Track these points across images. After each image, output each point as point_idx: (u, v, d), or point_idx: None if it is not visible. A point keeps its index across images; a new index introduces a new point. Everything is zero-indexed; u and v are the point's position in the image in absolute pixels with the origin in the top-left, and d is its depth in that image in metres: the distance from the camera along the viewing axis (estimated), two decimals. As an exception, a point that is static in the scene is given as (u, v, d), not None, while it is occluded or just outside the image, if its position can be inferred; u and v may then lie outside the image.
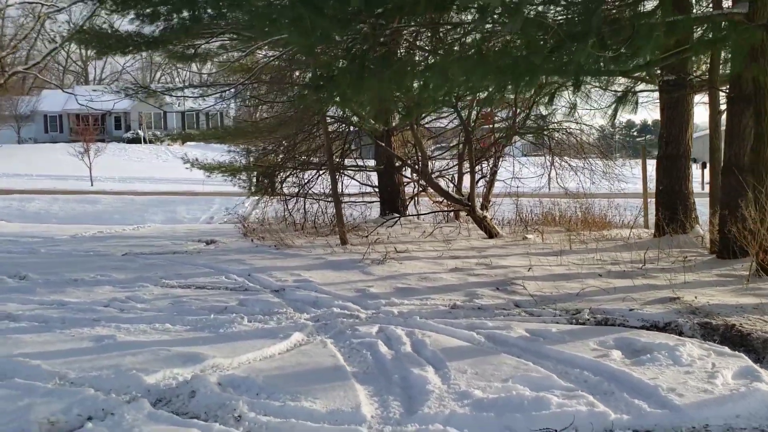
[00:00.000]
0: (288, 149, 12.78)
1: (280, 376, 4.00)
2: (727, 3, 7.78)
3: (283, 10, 6.44)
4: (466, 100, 10.54)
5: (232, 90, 13.18)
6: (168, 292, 6.66)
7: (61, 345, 4.78)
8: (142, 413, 3.45)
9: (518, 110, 11.85)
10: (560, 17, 6.47)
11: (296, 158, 12.62)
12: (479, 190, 11.41)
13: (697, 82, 8.98)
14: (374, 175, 13.29)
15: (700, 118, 14.34)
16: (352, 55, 6.89)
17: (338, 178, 11.29)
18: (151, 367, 4.10)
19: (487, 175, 12.33)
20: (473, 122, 10.84)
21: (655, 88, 9.37)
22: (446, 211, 12.37)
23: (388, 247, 8.82)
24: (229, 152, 14.35)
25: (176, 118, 50.04)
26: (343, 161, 13.13)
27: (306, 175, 12.75)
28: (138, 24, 9.65)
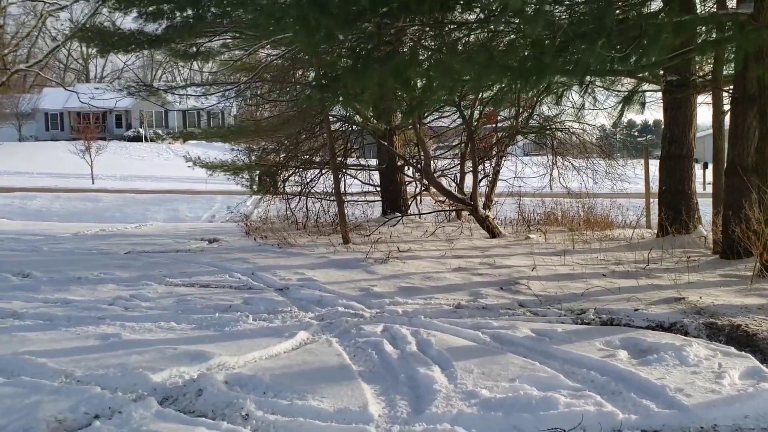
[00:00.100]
0: (290, 148, 12.78)
1: (287, 374, 4.00)
2: (732, 3, 7.78)
3: (287, 9, 6.45)
4: (468, 99, 10.53)
5: (235, 89, 13.17)
6: (172, 291, 6.66)
7: (66, 343, 4.78)
8: (150, 412, 3.46)
9: (521, 110, 11.84)
10: (564, 17, 6.48)
11: (299, 157, 12.62)
12: (481, 189, 11.40)
13: (700, 82, 8.99)
14: (376, 175, 13.29)
15: (701, 118, 14.35)
16: (356, 54, 6.89)
17: (340, 177, 11.27)
18: (158, 366, 4.10)
19: (490, 175, 12.32)
20: (476, 121, 10.83)
21: (659, 89, 9.37)
22: (448, 211, 12.36)
23: (391, 246, 8.82)
24: (231, 151, 14.33)
25: (178, 116, 50.03)
26: (346, 160, 13.13)
27: (308, 174, 12.75)
28: (141, 22, 9.65)
